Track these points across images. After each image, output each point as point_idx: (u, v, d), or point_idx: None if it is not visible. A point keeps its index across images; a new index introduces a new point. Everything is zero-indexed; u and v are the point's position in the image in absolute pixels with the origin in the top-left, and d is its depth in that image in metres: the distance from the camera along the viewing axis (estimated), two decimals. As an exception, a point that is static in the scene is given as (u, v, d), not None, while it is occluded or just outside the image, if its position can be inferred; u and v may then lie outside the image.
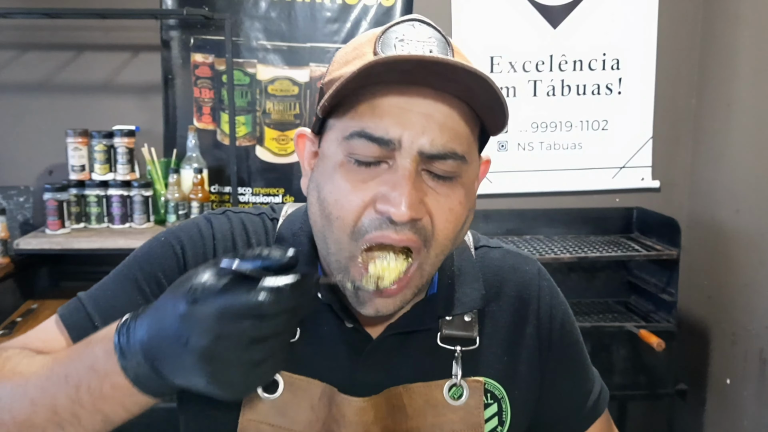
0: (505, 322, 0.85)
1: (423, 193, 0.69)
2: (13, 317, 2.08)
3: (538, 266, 0.91)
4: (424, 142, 0.68)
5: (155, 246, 0.84)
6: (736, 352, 2.32)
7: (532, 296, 0.87)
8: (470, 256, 0.87)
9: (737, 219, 2.31)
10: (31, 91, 2.41)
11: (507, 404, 0.83)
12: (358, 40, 0.75)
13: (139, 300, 0.81)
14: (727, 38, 2.39)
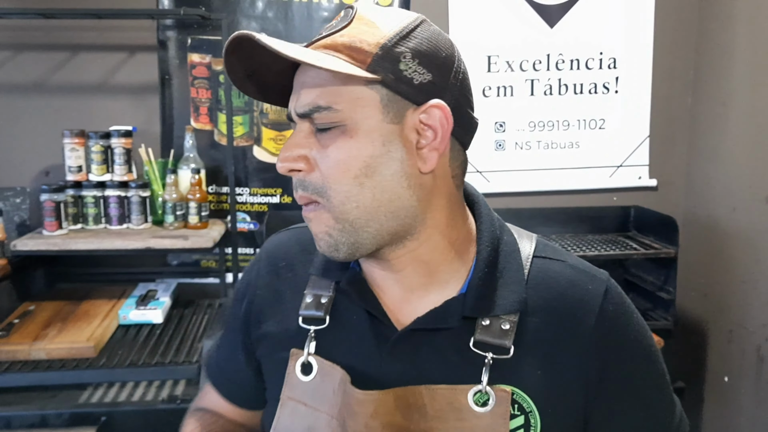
0: (548, 337, 0.81)
1: (306, 146, 0.78)
2: (10, 319, 2.07)
3: (608, 287, 0.85)
4: (295, 105, 0.78)
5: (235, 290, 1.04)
6: (734, 349, 2.33)
7: (589, 316, 0.82)
8: (518, 259, 0.85)
9: (734, 217, 2.32)
10: (27, 92, 2.39)
11: (537, 419, 0.80)
12: None
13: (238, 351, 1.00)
14: (722, 37, 2.40)
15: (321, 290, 0.88)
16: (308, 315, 0.87)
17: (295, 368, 0.86)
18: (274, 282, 0.94)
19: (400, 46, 0.76)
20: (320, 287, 0.89)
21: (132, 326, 2.14)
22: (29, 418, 1.78)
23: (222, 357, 1.03)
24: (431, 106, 0.77)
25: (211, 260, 2.53)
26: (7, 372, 1.84)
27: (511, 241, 0.87)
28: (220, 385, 1.04)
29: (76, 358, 1.90)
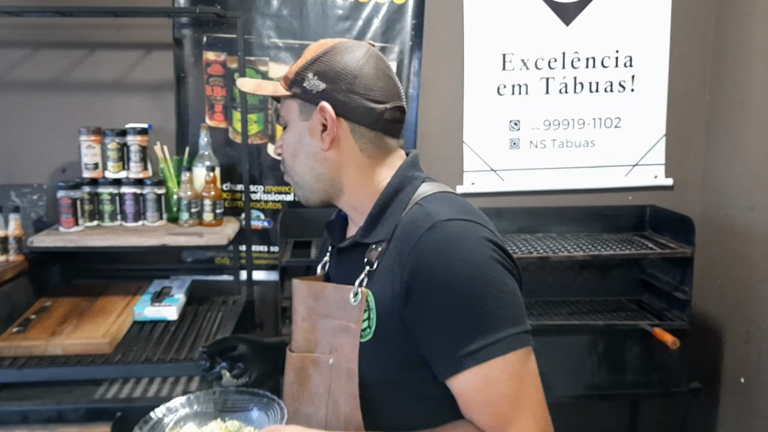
0: (391, 258, 1.11)
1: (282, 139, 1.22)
2: (27, 314, 2.09)
3: (435, 225, 1.07)
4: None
5: None
6: (750, 350, 2.31)
7: (410, 244, 1.08)
8: (404, 204, 1.15)
9: (751, 216, 2.29)
10: (45, 90, 2.42)
11: (374, 314, 1.11)
12: None
13: None
14: (740, 35, 2.38)
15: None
16: (326, 247, 1.35)
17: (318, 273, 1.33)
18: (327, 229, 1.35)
19: (308, 70, 1.15)
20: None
21: (147, 323, 2.15)
22: (46, 413, 1.79)
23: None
24: (319, 107, 1.13)
25: (225, 257, 2.54)
26: (24, 367, 1.85)
27: (407, 192, 1.16)
28: None
29: (92, 353, 1.92)
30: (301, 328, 1.23)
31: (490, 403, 1.03)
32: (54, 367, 1.87)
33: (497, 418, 1.03)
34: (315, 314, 1.20)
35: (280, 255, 2.31)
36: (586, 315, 2.36)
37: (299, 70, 1.16)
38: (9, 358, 1.88)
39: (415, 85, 2.49)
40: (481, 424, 1.04)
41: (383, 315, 1.10)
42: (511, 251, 2.25)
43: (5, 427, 1.75)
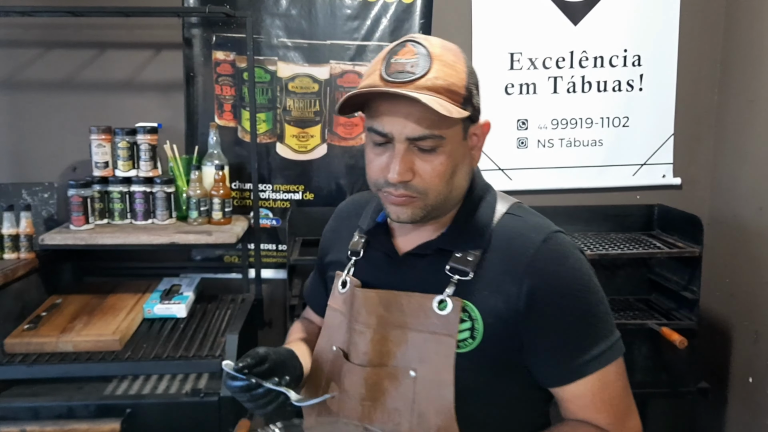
0: (496, 270, 1.11)
1: (411, 162, 1.07)
2: (38, 312, 2.11)
3: (548, 237, 1.12)
4: (408, 131, 1.05)
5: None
6: (759, 350, 2.30)
7: (524, 257, 1.10)
8: (490, 213, 1.17)
9: (760, 216, 2.29)
10: (56, 89, 2.44)
11: (480, 326, 1.09)
12: (381, 52, 1.12)
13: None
14: (750, 34, 2.37)
15: (361, 234, 1.27)
16: (353, 249, 1.27)
17: (337, 284, 1.26)
18: (337, 227, 1.37)
19: (472, 84, 1.09)
20: (361, 232, 1.27)
21: (156, 320, 2.17)
22: (56, 409, 1.81)
23: (311, 284, 1.47)
24: (484, 124, 1.14)
25: (234, 255, 2.55)
26: (35, 363, 1.87)
27: (490, 201, 1.19)
28: (310, 302, 1.49)
29: (102, 350, 1.94)
30: (371, 340, 1.16)
31: (610, 402, 1.11)
32: (64, 363, 1.89)
33: (617, 415, 1.12)
34: (387, 325, 1.15)
35: (289, 253, 2.32)
36: (593, 314, 2.35)
37: (467, 84, 1.08)
38: (20, 355, 1.90)
39: (423, 85, 2.49)
40: (601, 423, 1.12)
41: (494, 326, 1.09)
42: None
43: (17, 423, 1.77)
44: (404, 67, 1.04)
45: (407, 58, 1.05)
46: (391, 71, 1.05)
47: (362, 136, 2.50)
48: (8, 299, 2.02)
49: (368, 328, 1.16)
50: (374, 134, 1.08)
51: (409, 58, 1.05)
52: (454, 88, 1.05)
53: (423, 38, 1.08)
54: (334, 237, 1.36)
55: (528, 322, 1.08)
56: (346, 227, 1.32)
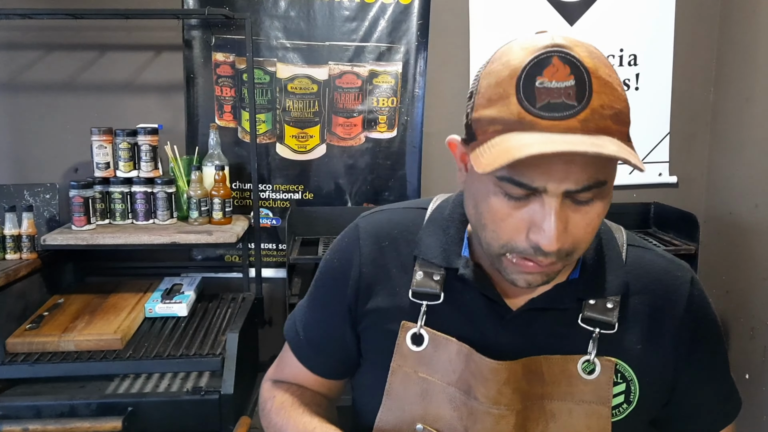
0: (647, 315, 0.94)
1: (566, 220, 0.79)
2: (40, 311, 2.13)
3: (692, 274, 0.98)
4: (568, 184, 0.76)
5: (323, 267, 1.09)
6: (755, 346, 2.32)
7: (681, 299, 0.95)
8: (616, 248, 0.97)
9: (755, 214, 2.31)
10: (56, 91, 2.45)
11: (636, 387, 0.93)
12: (499, 70, 0.80)
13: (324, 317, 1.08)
14: (745, 32, 2.39)
15: (431, 269, 0.96)
16: (422, 291, 0.96)
17: (406, 339, 0.96)
18: (378, 259, 1.01)
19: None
20: (429, 267, 0.97)
21: (158, 319, 2.19)
22: (58, 408, 1.83)
23: (315, 334, 1.08)
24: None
25: (234, 255, 2.57)
26: (37, 362, 1.89)
27: (607, 231, 0.98)
28: (308, 360, 1.10)
29: (104, 349, 1.95)
30: (514, 425, 0.90)
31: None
32: (66, 362, 1.90)
33: None
34: (527, 400, 0.91)
35: (288, 252, 2.33)
36: (590, 312, 2.37)
37: (629, 110, 0.80)
38: (22, 354, 1.92)
39: (421, 85, 2.51)
40: None
41: (651, 385, 0.94)
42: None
43: (19, 422, 1.78)
44: (558, 94, 0.75)
45: (560, 81, 0.75)
46: (541, 100, 0.75)
47: (361, 136, 2.52)
48: (10, 299, 2.04)
49: (510, 410, 0.89)
50: (511, 186, 0.78)
51: (563, 81, 0.75)
52: (623, 116, 0.78)
53: (565, 42, 0.78)
54: (377, 271, 1.01)
55: (687, 371, 0.95)
56: (394, 258, 1.01)
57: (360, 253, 1.02)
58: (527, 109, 0.75)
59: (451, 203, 1.02)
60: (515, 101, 0.76)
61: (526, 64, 0.77)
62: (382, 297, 1.00)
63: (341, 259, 1.05)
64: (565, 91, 0.75)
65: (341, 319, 1.03)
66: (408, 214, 1.04)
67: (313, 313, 1.09)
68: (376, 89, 2.49)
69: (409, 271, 0.98)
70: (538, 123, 0.75)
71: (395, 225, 1.03)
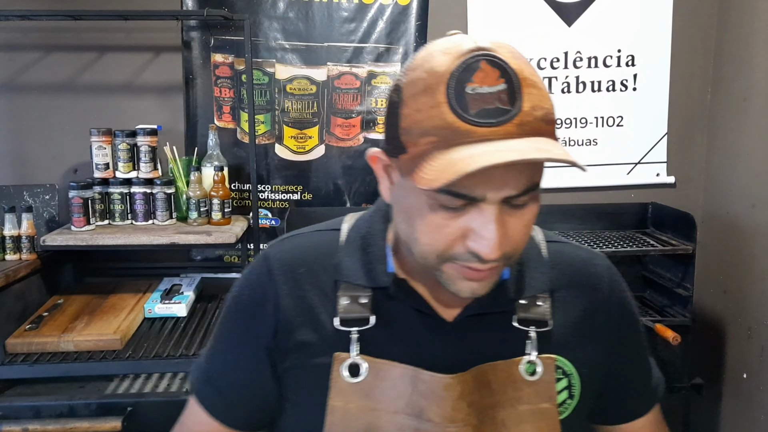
0: (576, 308, 0.95)
1: (505, 226, 0.77)
2: (39, 312, 2.13)
3: (608, 262, 1.01)
4: (507, 190, 0.75)
5: (231, 305, 1.00)
6: (752, 346, 2.33)
7: (604, 288, 0.97)
8: (536, 246, 0.97)
9: (753, 214, 2.31)
10: (56, 92, 2.46)
11: (577, 380, 0.93)
12: (424, 78, 0.76)
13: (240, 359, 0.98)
14: (742, 33, 2.40)
15: (356, 292, 0.90)
16: (349, 317, 0.89)
17: (342, 371, 0.88)
18: (296, 289, 0.93)
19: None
20: (353, 290, 0.90)
21: (157, 319, 2.19)
22: (58, 408, 1.84)
23: (228, 380, 0.98)
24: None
25: (233, 255, 2.58)
26: (37, 363, 1.90)
27: None
28: (221, 412, 0.98)
29: (103, 349, 1.96)
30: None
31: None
32: (66, 363, 1.91)
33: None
34: (480, 411, 0.89)
35: (287, 253, 2.33)
36: (588, 311, 2.38)
37: (555, 109, 0.78)
38: (22, 355, 1.93)
39: (420, 86, 2.51)
40: None
41: (590, 376, 0.94)
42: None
43: (19, 422, 1.79)
44: (491, 99, 0.72)
45: (491, 86, 0.73)
46: (475, 107, 0.72)
47: (360, 136, 2.53)
48: (10, 300, 2.04)
49: (467, 425, 0.87)
50: (450, 198, 0.75)
51: (494, 85, 0.73)
52: (551, 116, 0.77)
53: (490, 45, 0.76)
54: (296, 303, 0.93)
55: (617, 356, 0.97)
56: (313, 286, 0.93)
57: (274, 285, 0.93)
58: (462, 117, 0.72)
59: (367, 221, 0.96)
60: (447, 110, 0.73)
61: (453, 69, 0.74)
62: (306, 330, 0.91)
63: (252, 294, 0.96)
64: (497, 96, 0.72)
65: (257, 362, 0.94)
66: (320, 238, 0.97)
67: (223, 358, 0.98)
68: (374, 90, 2.50)
69: (332, 298, 0.91)
70: (475, 131, 0.72)
71: (309, 250, 0.96)
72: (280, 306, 0.92)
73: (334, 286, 0.92)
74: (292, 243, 0.98)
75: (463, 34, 0.80)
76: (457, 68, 0.74)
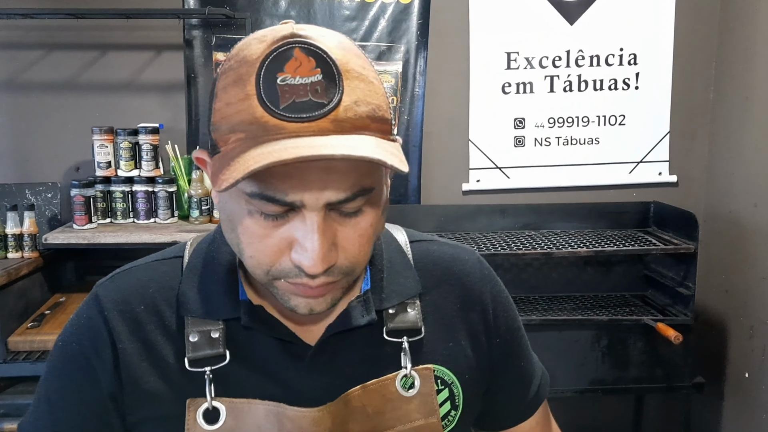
0: (449, 309, 0.87)
1: (333, 235, 0.69)
2: (41, 310, 2.14)
3: (477, 255, 0.93)
4: (329, 195, 0.66)
5: (57, 357, 0.84)
6: (754, 345, 2.33)
7: (475, 283, 0.89)
8: (399, 248, 0.88)
9: (755, 213, 2.31)
10: (58, 90, 2.46)
11: (459, 388, 0.85)
12: (236, 68, 0.67)
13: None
14: (744, 32, 2.39)
15: (206, 327, 0.79)
16: (201, 356, 0.78)
17: (197, 419, 0.77)
18: (136, 331, 0.80)
19: (387, 95, 0.72)
20: (202, 324, 0.79)
21: (158, 318, 2.19)
22: (60, 406, 1.84)
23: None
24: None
25: (235, 254, 2.57)
26: (39, 361, 1.90)
27: (386, 233, 0.89)
28: None
29: (105, 347, 1.96)
30: None
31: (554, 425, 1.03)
32: (68, 360, 1.91)
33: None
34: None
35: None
36: (590, 310, 2.39)
37: (390, 103, 0.76)
38: (24, 353, 1.93)
39: (421, 84, 2.52)
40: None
41: (472, 381, 0.87)
42: (516, 247, 2.27)
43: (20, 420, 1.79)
44: (304, 91, 0.64)
45: (304, 77, 0.64)
46: (285, 100, 0.64)
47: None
48: (12, 298, 2.05)
49: None
50: (264, 202, 0.67)
51: (308, 76, 0.64)
52: (381, 112, 0.69)
53: (308, 32, 0.67)
54: (135, 346, 0.80)
55: (497, 355, 0.90)
56: (156, 324, 0.81)
57: (108, 328, 0.80)
58: (270, 112, 0.64)
59: (209, 243, 0.85)
60: (256, 102, 0.64)
61: (264, 57, 0.65)
62: (151, 378, 0.79)
63: (82, 342, 0.81)
64: (311, 87, 0.64)
65: (102, 413, 0.80)
66: (160, 268, 0.85)
67: (54, 423, 0.82)
68: (376, 89, 2.49)
69: (179, 337, 0.79)
70: (285, 127, 0.63)
71: (148, 284, 0.83)
72: (118, 351, 0.79)
73: (181, 323, 0.80)
74: (126, 279, 0.84)
75: (292, 23, 0.69)
76: (268, 56, 0.65)
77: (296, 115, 0.64)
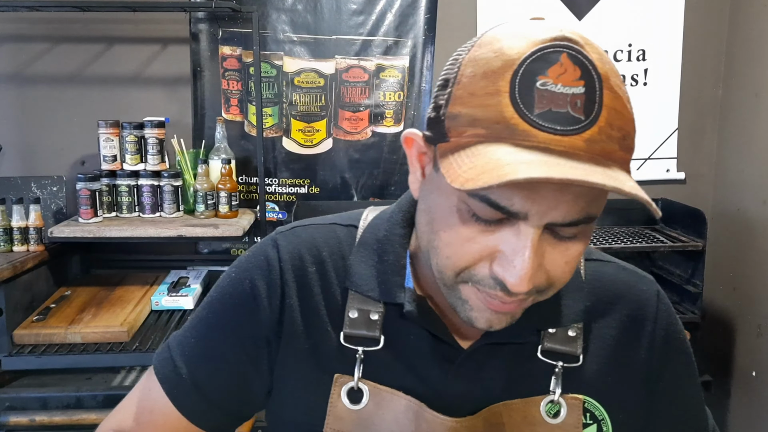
0: (614, 340, 0.80)
1: (542, 255, 0.64)
2: (47, 303, 2.14)
3: (657, 287, 0.85)
4: (555, 215, 0.61)
5: (227, 287, 0.85)
6: (762, 343, 2.31)
7: (648, 318, 0.81)
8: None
9: (764, 210, 2.30)
10: (64, 83, 2.46)
11: (608, 427, 0.79)
12: (489, 59, 0.62)
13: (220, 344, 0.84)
14: (754, 27, 2.37)
15: (367, 306, 0.78)
16: (356, 334, 0.77)
17: (341, 396, 0.77)
18: (304, 288, 0.81)
19: None
20: (364, 303, 0.78)
21: (164, 312, 2.19)
22: (65, 399, 1.85)
23: (208, 373, 0.82)
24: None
25: (240, 249, 2.57)
26: (44, 354, 1.90)
27: None
28: (190, 408, 0.83)
29: (110, 341, 1.96)
30: None
31: None
32: (73, 354, 1.92)
33: None
34: None
35: (294, 246, 2.33)
36: (597, 307, 2.37)
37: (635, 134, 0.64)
38: (29, 346, 1.93)
39: (428, 80, 2.51)
40: None
41: (623, 422, 0.80)
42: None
43: (26, 413, 1.79)
44: (563, 101, 0.58)
45: (567, 86, 0.59)
46: (541, 107, 0.59)
47: (367, 130, 2.52)
48: (18, 291, 2.04)
49: None
50: (485, 206, 0.62)
51: (570, 86, 0.59)
52: (628, 141, 0.62)
53: (576, 38, 0.61)
54: (301, 305, 0.81)
55: (659, 403, 0.82)
56: (323, 288, 0.81)
57: (282, 280, 0.81)
58: (522, 115, 0.59)
59: (386, 221, 0.82)
60: (507, 101, 0.59)
61: (526, 56, 0.60)
62: (306, 340, 0.79)
63: (255, 282, 0.81)
64: (572, 99, 0.58)
65: (250, 358, 0.81)
66: (337, 233, 0.84)
67: (207, 345, 0.83)
68: (382, 83, 2.49)
69: (340, 307, 0.79)
70: (534, 134, 0.58)
71: (323, 246, 0.82)
72: (285, 305, 0.80)
73: (344, 294, 0.79)
74: (306, 233, 0.84)
75: (552, 21, 0.65)
76: (531, 55, 0.60)
77: (550, 125, 0.58)
